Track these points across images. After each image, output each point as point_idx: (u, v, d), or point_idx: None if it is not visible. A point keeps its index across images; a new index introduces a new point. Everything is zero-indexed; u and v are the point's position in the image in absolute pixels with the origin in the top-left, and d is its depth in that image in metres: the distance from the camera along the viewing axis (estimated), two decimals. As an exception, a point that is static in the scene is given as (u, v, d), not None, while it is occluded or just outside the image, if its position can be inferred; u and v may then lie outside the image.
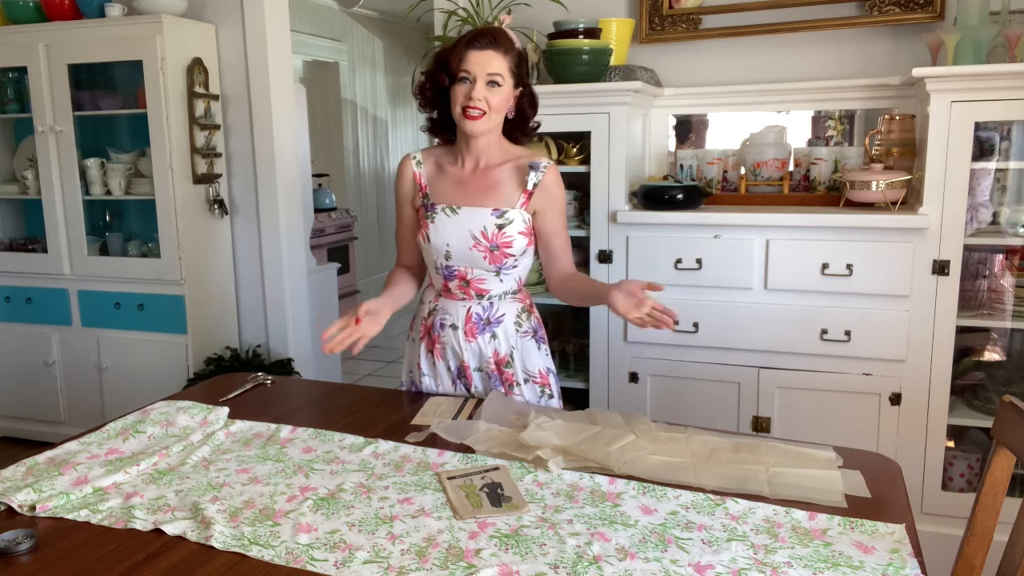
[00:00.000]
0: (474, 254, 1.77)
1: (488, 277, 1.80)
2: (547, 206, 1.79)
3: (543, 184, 1.78)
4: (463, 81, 1.69)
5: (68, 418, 3.70)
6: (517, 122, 1.81)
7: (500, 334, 1.83)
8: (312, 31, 6.34)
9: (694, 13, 2.82)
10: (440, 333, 1.86)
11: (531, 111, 1.82)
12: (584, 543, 1.18)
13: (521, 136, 1.85)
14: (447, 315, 1.85)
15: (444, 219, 1.78)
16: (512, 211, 1.76)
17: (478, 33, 1.71)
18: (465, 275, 1.81)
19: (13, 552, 1.16)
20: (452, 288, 1.84)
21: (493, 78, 1.68)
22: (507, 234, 1.76)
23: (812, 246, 2.40)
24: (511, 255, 1.78)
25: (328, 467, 1.46)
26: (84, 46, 3.33)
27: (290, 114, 3.66)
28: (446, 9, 2.90)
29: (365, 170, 7.29)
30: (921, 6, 2.56)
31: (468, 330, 1.83)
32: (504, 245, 1.76)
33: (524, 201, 1.77)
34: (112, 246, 3.59)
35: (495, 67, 1.68)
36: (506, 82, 1.70)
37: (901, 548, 1.16)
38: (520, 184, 1.77)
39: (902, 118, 2.53)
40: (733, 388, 2.55)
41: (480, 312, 1.83)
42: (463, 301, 1.83)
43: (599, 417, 1.63)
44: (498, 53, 1.69)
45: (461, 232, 1.77)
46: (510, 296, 1.85)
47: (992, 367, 2.56)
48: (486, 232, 1.75)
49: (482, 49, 1.68)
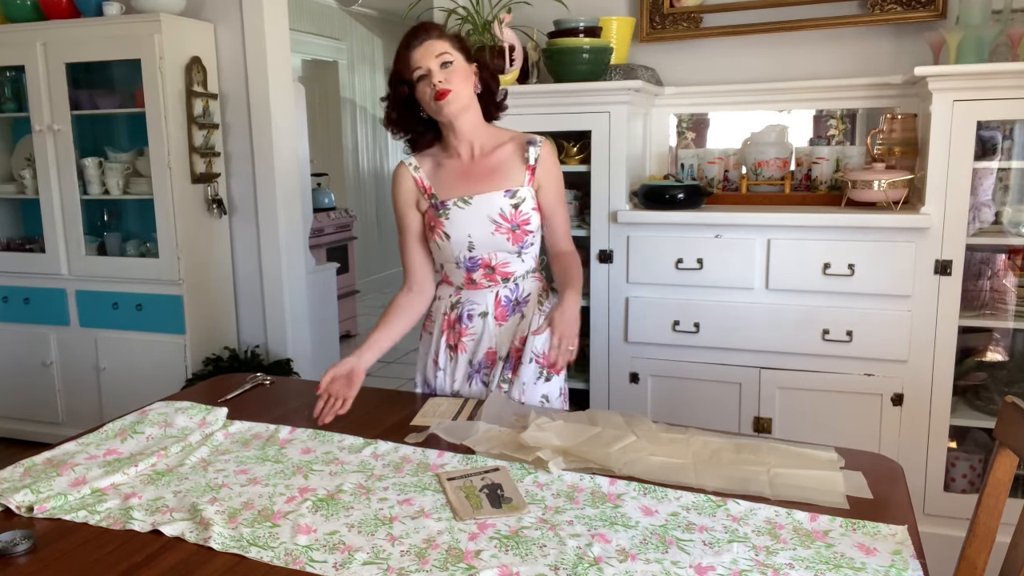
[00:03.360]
0: (497, 238, 1.79)
1: (511, 259, 1.84)
2: (547, 180, 1.84)
3: (542, 158, 1.82)
4: (421, 79, 1.73)
5: (66, 419, 3.69)
6: (487, 96, 1.83)
7: (528, 313, 1.86)
8: (311, 30, 6.33)
9: (695, 12, 2.81)
10: (468, 325, 1.87)
11: (493, 83, 1.85)
12: (584, 544, 1.17)
13: (496, 111, 1.88)
14: (475, 304, 1.86)
15: (459, 212, 1.79)
16: (522, 189, 1.80)
17: (410, 33, 1.76)
18: (489, 262, 1.83)
19: (11, 553, 1.15)
20: (476, 278, 1.85)
21: (442, 59, 1.72)
22: (523, 212, 1.80)
23: (813, 246, 2.39)
24: (530, 231, 1.82)
25: (327, 468, 1.45)
26: (82, 45, 3.32)
27: (289, 113, 3.65)
28: (446, 8, 2.89)
29: (364, 170, 7.28)
30: (923, 5, 2.55)
31: (499, 314, 1.86)
32: (524, 223, 1.80)
33: (530, 177, 1.81)
34: (110, 246, 3.59)
35: (439, 49, 1.72)
36: (456, 57, 1.74)
37: (903, 549, 1.16)
38: (522, 161, 1.82)
39: (904, 117, 2.53)
40: (734, 388, 2.54)
41: (508, 295, 1.86)
42: (489, 288, 1.86)
43: (599, 418, 1.62)
44: (434, 39, 1.73)
45: (479, 220, 1.79)
46: (531, 275, 1.89)
47: (994, 367, 2.55)
48: (504, 214, 1.79)
49: (421, 43, 1.73)
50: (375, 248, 7.30)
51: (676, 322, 2.55)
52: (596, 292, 2.67)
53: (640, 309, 2.60)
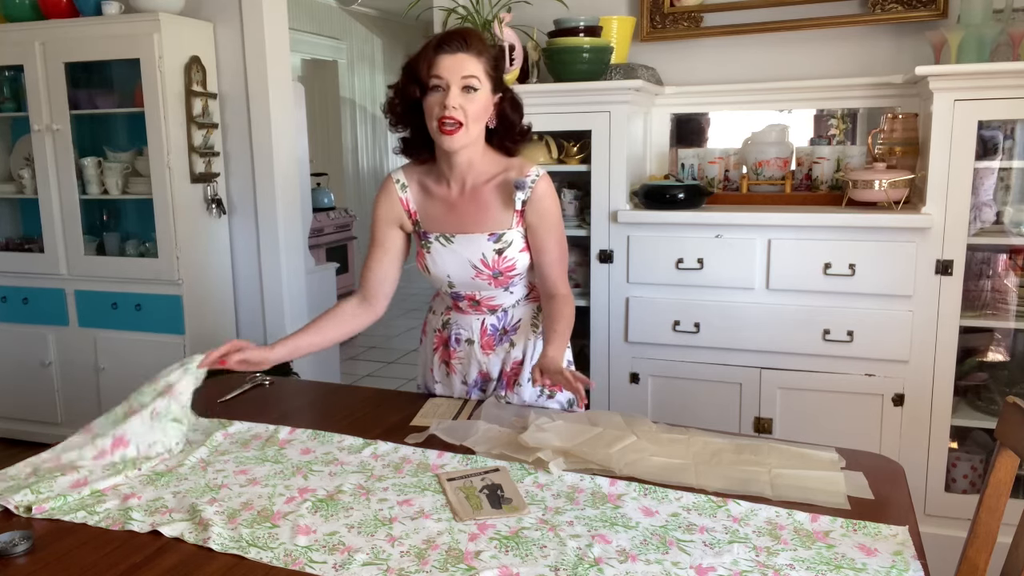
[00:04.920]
0: (478, 282, 1.70)
1: (498, 294, 1.75)
2: (538, 221, 1.67)
3: (533, 199, 1.65)
4: (436, 90, 1.54)
5: (65, 419, 3.68)
6: (502, 130, 1.65)
7: (518, 340, 1.79)
8: (311, 29, 6.33)
9: (695, 11, 2.81)
10: (456, 348, 1.81)
11: (515, 115, 1.66)
12: (585, 545, 1.17)
13: (511, 145, 1.69)
14: (462, 330, 1.80)
15: (440, 249, 1.70)
16: (509, 232, 1.67)
17: (447, 35, 1.56)
18: (474, 296, 1.75)
19: (10, 554, 1.15)
20: (463, 307, 1.79)
21: (468, 82, 1.53)
22: (508, 258, 1.68)
23: (814, 246, 2.39)
24: (516, 274, 1.71)
25: (327, 468, 1.45)
26: (81, 44, 3.31)
27: (288, 113, 3.64)
28: (445, 7, 2.89)
29: (364, 169, 7.28)
30: (924, 4, 2.55)
31: (485, 343, 1.78)
32: (507, 269, 1.69)
33: (519, 219, 1.67)
34: (109, 246, 3.58)
35: (469, 70, 1.53)
36: (483, 86, 1.56)
37: (904, 550, 1.15)
38: (511, 202, 1.66)
39: (905, 117, 2.52)
40: (735, 389, 2.54)
41: (495, 323, 1.78)
42: (476, 315, 1.79)
43: (600, 418, 1.62)
44: (471, 56, 1.54)
45: (459, 262, 1.69)
46: (523, 301, 1.80)
47: (996, 368, 2.55)
48: (486, 260, 1.67)
49: (453, 53, 1.53)
50: (375, 248, 7.29)
51: (676, 322, 2.55)
52: (596, 292, 2.67)
53: (640, 309, 2.60)
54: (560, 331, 1.64)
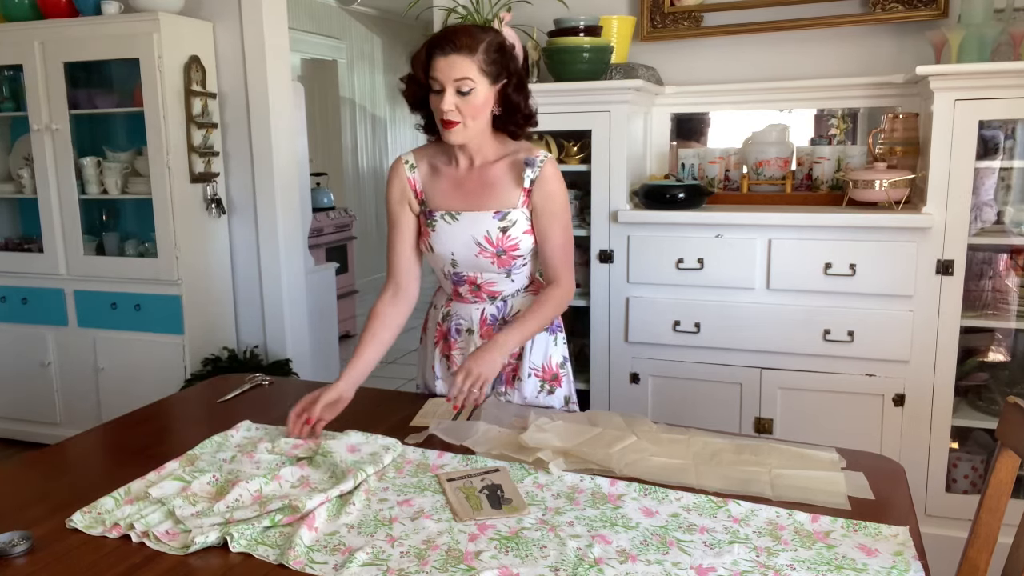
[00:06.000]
0: (480, 260, 1.71)
1: (499, 280, 1.76)
2: (543, 202, 1.69)
3: (541, 179, 1.68)
4: (435, 89, 1.59)
5: (64, 419, 3.68)
6: (507, 116, 1.66)
7: None
8: (310, 29, 6.33)
9: (696, 11, 2.80)
10: (456, 339, 1.82)
11: (520, 98, 1.65)
12: (585, 545, 1.16)
13: (516, 129, 1.70)
14: (461, 320, 1.81)
15: (444, 227, 1.71)
16: (514, 211, 1.69)
17: (437, 38, 1.59)
18: (475, 279, 1.76)
19: (9, 554, 1.15)
20: (463, 292, 1.79)
21: (460, 85, 1.56)
22: (512, 236, 1.69)
23: (815, 246, 2.39)
24: (519, 256, 1.72)
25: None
26: (80, 44, 3.31)
27: (288, 112, 3.64)
28: (445, 7, 2.89)
29: (364, 169, 7.28)
30: (925, 4, 2.54)
31: (484, 333, 1.79)
32: (511, 248, 1.70)
33: (524, 199, 1.69)
34: (108, 246, 3.58)
35: (461, 71, 1.55)
36: (478, 84, 1.57)
37: (905, 551, 1.15)
38: (518, 181, 1.68)
39: (906, 117, 2.52)
40: (735, 389, 2.54)
41: (495, 313, 1.79)
42: (476, 304, 1.79)
43: (600, 418, 1.61)
44: (462, 56, 1.55)
45: (464, 239, 1.70)
46: (523, 292, 1.81)
47: (996, 368, 2.55)
48: (490, 237, 1.69)
49: (445, 55, 1.55)
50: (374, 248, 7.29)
51: (677, 322, 2.55)
52: (596, 292, 2.66)
53: (640, 309, 2.60)
54: (525, 319, 1.69)
